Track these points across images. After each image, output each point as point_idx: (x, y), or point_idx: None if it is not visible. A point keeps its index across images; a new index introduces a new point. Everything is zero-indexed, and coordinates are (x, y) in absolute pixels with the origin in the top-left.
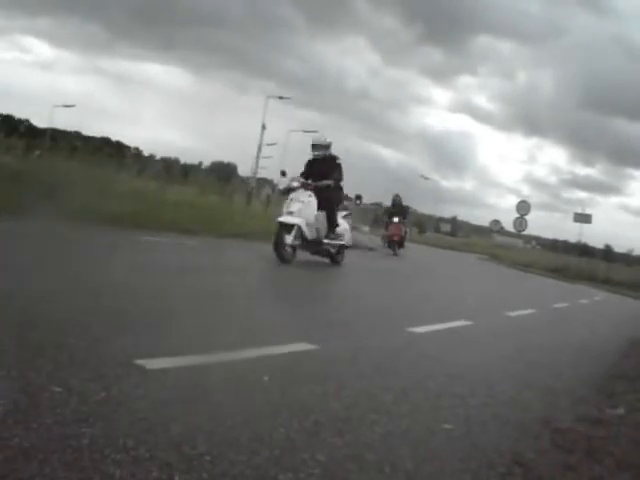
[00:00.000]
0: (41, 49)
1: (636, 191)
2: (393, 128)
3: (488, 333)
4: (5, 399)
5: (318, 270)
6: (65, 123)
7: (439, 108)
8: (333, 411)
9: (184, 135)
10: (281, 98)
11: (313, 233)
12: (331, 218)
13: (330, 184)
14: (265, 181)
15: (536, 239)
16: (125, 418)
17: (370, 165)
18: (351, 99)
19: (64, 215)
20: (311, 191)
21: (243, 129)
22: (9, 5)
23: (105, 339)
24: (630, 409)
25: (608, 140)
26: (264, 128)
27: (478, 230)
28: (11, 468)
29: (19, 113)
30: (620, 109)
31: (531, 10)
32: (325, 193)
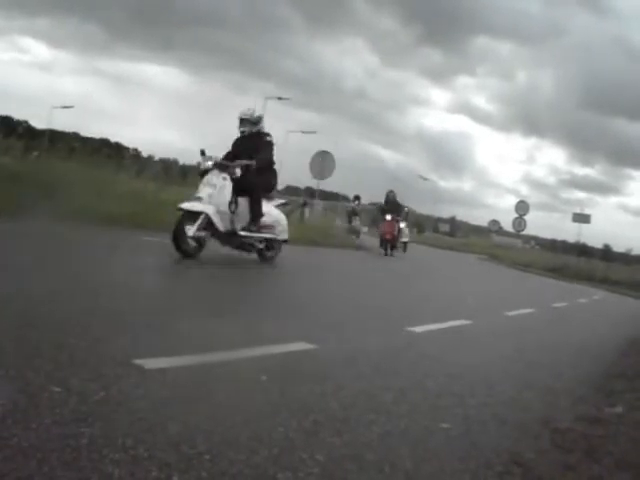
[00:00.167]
0: (39, 50)
1: (635, 191)
2: (392, 129)
3: (488, 333)
4: (4, 399)
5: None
6: (64, 124)
7: (438, 109)
8: (332, 411)
9: (183, 136)
10: (280, 99)
11: (227, 223)
12: (254, 206)
13: (251, 164)
14: None
15: (535, 239)
16: (124, 418)
17: (369, 166)
18: (350, 100)
19: (63, 216)
20: (227, 173)
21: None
22: (7, 5)
23: (104, 339)
24: (629, 408)
25: (607, 140)
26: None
27: (477, 230)
28: (10, 467)
29: (17, 114)
30: (619, 109)
31: (530, 10)
32: (249, 176)
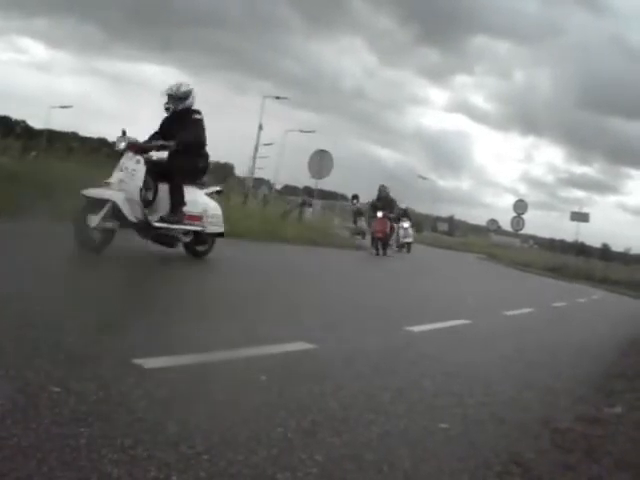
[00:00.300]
0: (37, 50)
1: (633, 190)
2: (390, 128)
3: (487, 332)
4: (4, 399)
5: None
6: (62, 124)
7: (436, 108)
8: (331, 411)
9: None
10: (278, 98)
11: (138, 213)
12: (173, 194)
13: (169, 146)
14: (262, 181)
15: (533, 238)
16: (123, 418)
17: (367, 165)
18: (348, 99)
19: (61, 216)
20: (141, 155)
21: (240, 129)
22: (6, 6)
23: (103, 339)
24: (629, 408)
25: (605, 139)
26: (261, 128)
27: (475, 229)
28: (10, 467)
29: (16, 114)
30: (617, 108)
31: (528, 10)
32: (173, 159)
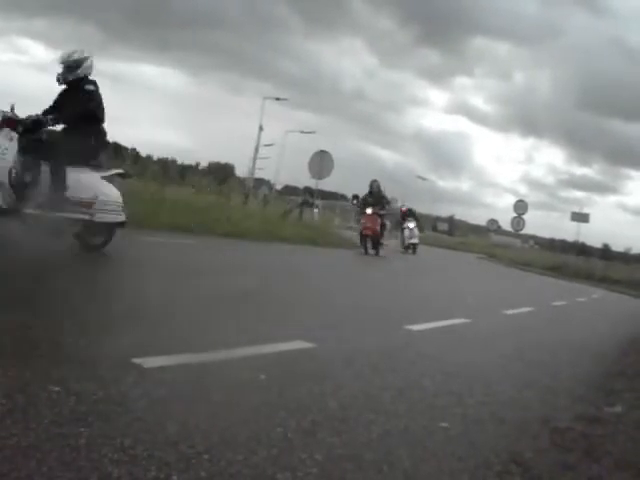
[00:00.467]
0: (37, 50)
1: (633, 190)
2: (390, 129)
3: (487, 331)
4: (4, 398)
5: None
6: None
7: (436, 109)
8: (331, 410)
9: (181, 136)
10: (278, 99)
11: (7, 197)
12: (52, 176)
13: (44, 121)
14: (262, 181)
15: (533, 238)
16: (123, 417)
17: (367, 166)
18: (348, 100)
19: None
20: (15, 130)
21: (240, 130)
22: (6, 6)
23: (103, 338)
24: (629, 407)
25: (605, 140)
26: (261, 129)
27: (475, 229)
28: (9, 467)
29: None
30: (616, 110)
31: (527, 11)
32: (57, 136)
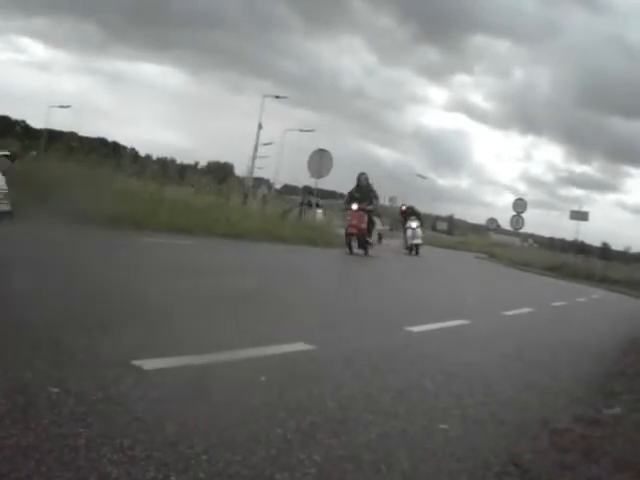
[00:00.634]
0: (36, 49)
1: (633, 188)
2: (389, 127)
3: (486, 332)
4: (3, 399)
5: None
6: (61, 124)
7: (435, 107)
8: (330, 411)
9: (180, 136)
10: (277, 97)
11: None
12: None
13: None
14: (262, 180)
15: (533, 237)
16: (122, 418)
17: (366, 164)
18: (347, 98)
19: (61, 216)
20: None
21: (239, 129)
22: (5, 5)
23: (103, 340)
24: (628, 409)
25: (604, 138)
26: (260, 128)
27: (475, 228)
28: (9, 467)
29: (15, 114)
30: (616, 107)
31: (527, 9)
32: None
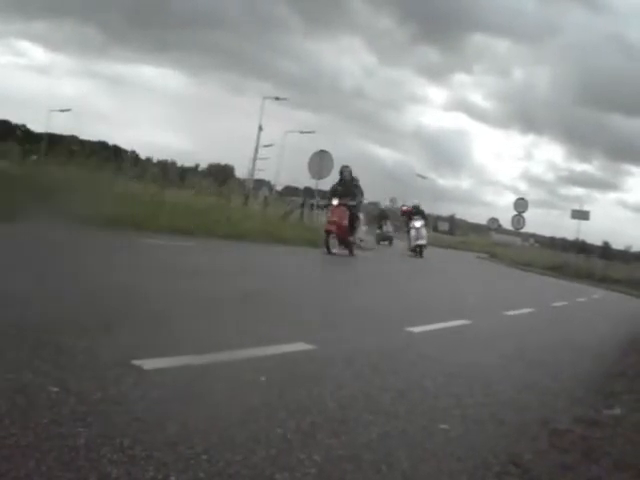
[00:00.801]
0: (36, 53)
1: (633, 187)
2: (389, 127)
3: (487, 332)
4: (3, 398)
5: None
6: (62, 127)
7: (435, 107)
8: (330, 411)
9: (180, 138)
10: (277, 99)
11: None
12: None
13: None
14: (262, 182)
15: (534, 236)
16: (122, 418)
17: (367, 165)
18: (347, 99)
19: (62, 219)
20: None
21: (240, 131)
22: (5, 8)
23: (103, 340)
24: (628, 410)
25: (604, 136)
26: (261, 129)
27: (476, 228)
28: (8, 467)
29: (15, 118)
30: (616, 105)
31: (526, 8)
32: None
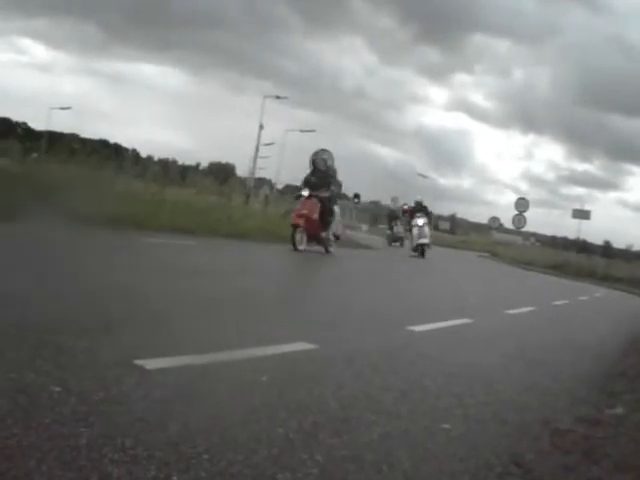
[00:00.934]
0: (37, 51)
1: (634, 186)
2: (390, 127)
3: (488, 332)
4: (5, 398)
5: None
6: (62, 125)
7: (436, 107)
8: (332, 411)
9: (181, 136)
10: (278, 98)
11: None
12: None
13: None
14: (263, 181)
15: (535, 236)
16: (123, 418)
17: (368, 164)
18: (348, 98)
19: (62, 218)
20: None
21: (240, 129)
22: (6, 6)
23: (105, 339)
24: (629, 409)
25: (605, 136)
26: (261, 128)
27: (477, 227)
28: (9, 466)
29: (16, 115)
30: (617, 105)
31: (527, 8)
32: None
